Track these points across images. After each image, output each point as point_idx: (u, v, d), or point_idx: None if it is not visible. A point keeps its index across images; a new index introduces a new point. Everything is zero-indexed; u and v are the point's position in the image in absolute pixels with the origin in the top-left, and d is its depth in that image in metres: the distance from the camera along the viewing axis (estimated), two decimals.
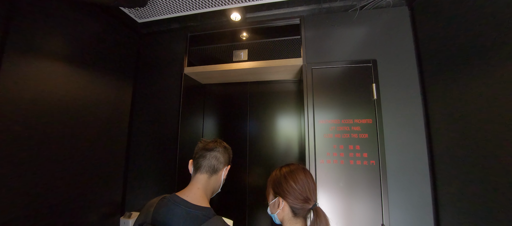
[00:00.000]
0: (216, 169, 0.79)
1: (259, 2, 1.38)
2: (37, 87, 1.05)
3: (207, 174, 0.77)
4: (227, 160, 0.85)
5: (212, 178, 0.78)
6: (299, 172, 0.72)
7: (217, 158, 0.79)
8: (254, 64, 1.49)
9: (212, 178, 0.78)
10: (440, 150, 1.09)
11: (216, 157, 0.79)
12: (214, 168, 0.78)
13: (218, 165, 0.79)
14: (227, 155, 0.85)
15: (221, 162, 0.80)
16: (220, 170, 0.80)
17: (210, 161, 0.78)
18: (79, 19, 1.26)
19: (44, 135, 1.06)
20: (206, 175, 0.77)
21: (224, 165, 0.82)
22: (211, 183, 0.78)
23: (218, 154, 0.80)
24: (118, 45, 1.55)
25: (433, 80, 1.13)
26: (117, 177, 1.50)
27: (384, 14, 1.32)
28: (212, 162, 0.78)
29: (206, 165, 0.78)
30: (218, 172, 0.80)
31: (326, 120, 1.29)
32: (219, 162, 0.80)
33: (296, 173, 0.72)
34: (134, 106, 1.68)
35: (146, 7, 1.44)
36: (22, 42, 0.99)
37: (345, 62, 1.32)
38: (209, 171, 0.77)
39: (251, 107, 1.87)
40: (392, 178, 1.16)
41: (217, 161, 0.79)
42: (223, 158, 0.82)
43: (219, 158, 0.80)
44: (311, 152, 1.27)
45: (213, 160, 0.79)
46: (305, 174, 0.72)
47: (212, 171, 0.78)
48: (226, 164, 0.83)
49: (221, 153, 0.81)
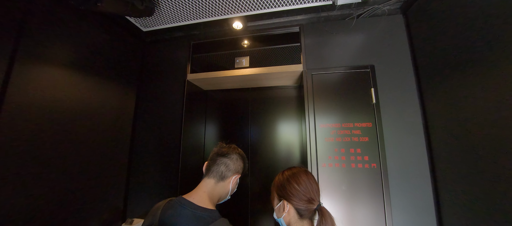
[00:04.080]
0: (224, 176, 0.78)
1: (260, 11, 1.44)
2: (44, 93, 1.08)
3: (214, 180, 0.77)
4: (239, 169, 0.82)
5: (219, 185, 0.77)
6: (301, 174, 0.74)
7: (227, 165, 0.79)
8: (256, 70, 1.53)
9: (219, 184, 0.77)
10: (439, 152, 1.11)
11: (225, 164, 0.79)
12: (222, 174, 0.78)
13: (226, 172, 0.78)
14: (240, 163, 0.83)
15: (230, 169, 0.79)
16: (228, 177, 0.79)
17: (219, 167, 0.78)
18: (87, 28, 1.31)
19: (48, 141, 1.08)
20: (213, 180, 0.77)
21: (233, 173, 0.80)
22: (217, 189, 0.77)
23: (228, 161, 0.79)
24: (124, 53, 1.60)
25: (429, 84, 1.17)
26: (119, 183, 1.50)
27: (380, 22, 1.37)
28: (221, 168, 0.78)
29: (215, 171, 0.78)
30: (226, 180, 0.79)
31: (327, 124, 1.31)
32: (228, 170, 0.79)
33: (298, 175, 0.73)
34: (137, 112, 1.71)
35: (152, 17, 1.50)
36: (33, 50, 1.03)
37: (344, 68, 1.36)
38: (216, 177, 0.77)
39: (253, 113, 1.89)
40: (394, 181, 1.17)
41: (226, 168, 0.78)
42: (234, 166, 0.80)
43: (229, 165, 0.79)
44: (312, 156, 1.29)
45: (222, 166, 0.78)
46: (307, 175, 0.74)
47: (220, 178, 0.77)
48: (236, 172, 0.81)
49: (232, 160, 0.80)
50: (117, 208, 1.47)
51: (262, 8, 1.41)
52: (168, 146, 1.59)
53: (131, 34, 1.68)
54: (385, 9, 1.33)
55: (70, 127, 1.19)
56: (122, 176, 1.54)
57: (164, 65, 1.76)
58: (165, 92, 1.70)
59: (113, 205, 1.44)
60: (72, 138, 1.20)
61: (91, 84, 1.33)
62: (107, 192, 1.40)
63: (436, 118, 1.13)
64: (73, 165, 1.19)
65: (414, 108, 1.22)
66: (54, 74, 1.12)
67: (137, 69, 1.73)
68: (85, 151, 1.26)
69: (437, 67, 1.10)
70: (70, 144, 1.18)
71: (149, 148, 1.64)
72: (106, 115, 1.43)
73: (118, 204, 1.48)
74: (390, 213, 1.13)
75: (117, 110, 1.52)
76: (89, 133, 1.30)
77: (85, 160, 1.26)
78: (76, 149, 1.22)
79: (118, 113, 1.53)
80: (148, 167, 1.61)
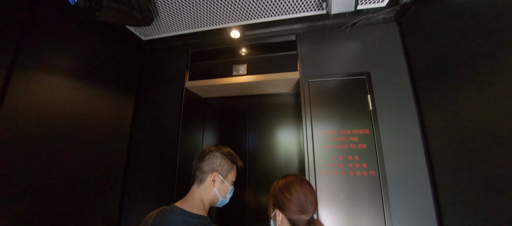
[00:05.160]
0: (201, 179, 0.79)
1: (257, 21, 1.47)
2: (42, 101, 1.08)
3: (196, 184, 0.79)
4: (215, 167, 0.80)
5: (201, 188, 0.78)
6: (295, 183, 0.73)
7: (200, 168, 0.79)
8: (253, 78, 1.55)
9: (200, 188, 0.78)
10: (439, 159, 1.09)
11: (199, 168, 0.80)
12: (199, 178, 0.79)
13: (201, 175, 0.79)
14: (218, 161, 0.81)
15: (203, 171, 0.79)
16: (204, 180, 0.78)
17: (195, 171, 0.81)
18: (87, 37, 1.34)
19: (42, 148, 1.08)
20: (195, 185, 0.79)
21: (209, 172, 0.79)
22: (202, 193, 0.77)
23: (201, 164, 0.80)
24: (123, 61, 1.62)
25: (426, 90, 1.17)
26: (114, 192, 1.48)
27: (374, 30, 1.40)
28: (196, 173, 0.80)
29: (193, 176, 0.81)
30: (205, 182, 0.78)
31: (324, 131, 1.31)
32: (202, 172, 0.79)
33: (291, 185, 0.72)
34: (135, 119, 1.71)
35: (151, 26, 1.53)
36: (33, 58, 1.05)
37: (340, 75, 1.37)
38: (196, 181, 0.79)
39: (251, 120, 1.89)
40: (393, 188, 1.15)
41: (200, 171, 0.79)
42: (207, 167, 0.79)
43: (202, 168, 0.79)
44: (310, 163, 1.27)
45: (197, 171, 0.80)
46: (301, 185, 0.72)
47: (199, 181, 0.79)
48: (213, 171, 0.79)
49: (205, 162, 0.80)
50: (112, 218, 1.44)
51: (259, 18, 1.44)
52: (165, 154, 1.58)
53: (131, 43, 1.71)
54: (379, 18, 1.36)
55: (66, 136, 1.18)
56: (118, 185, 1.51)
57: (163, 73, 1.78)
58: (163, 100, 1.70)
59: (108, 214, 1.41)
60: (67, 145, 1.19)
61: (90, 92, 1.34)
62: (102, 201, 1.38)
63: (434, 124, 1.12)
64: (67, 173, 1.18)
65: (411, 115, 1.22)
66: (52, 82, 1.13)
67: (136, 76, 1.75)
68: (80, 159, 1.25)
69: (433, 74, 1.10)
70: (65, 152, 1.17)
71: (146, 156, 1.62)
72: (104, 123, 1.43)
73: (112, 213, 1.45)
74: (391, 222, 1.10)
75: (114, 119, 1.52)
76: (85, 141, 1.29)
77: (80, 168, 1.25)
78: (71, 157, 1.21)
79: (115, 122, 1.53)
80: (144, 175, 1.59)
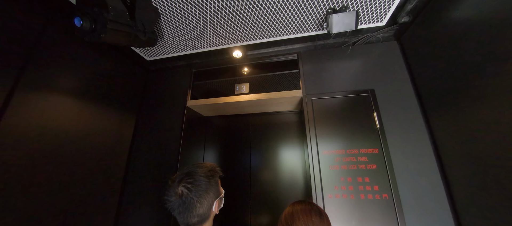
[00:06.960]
0: (202, 220, 0.69)
1: (259, 41, 1.50)
2: (44, 120, 1.07)
3: None
4: (211, 198, 0.71)
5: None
6: (302, 214, 0.70)
7: (196, 215, 0.68)
8: (256, 96, 1.53)
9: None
10: (456, 180, 1.02)
11: (193, 216, 0.68)
12: (198, 222, 0.69)
13: (200, 218, 0.69)
14: (208, 188, 0.70)
15: (202, 213, 0.69)
16: (208, 217, 0.71)
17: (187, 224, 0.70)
18: (92, 57, 1.36)
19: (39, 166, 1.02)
20: None
21: (210, 208, 0.71)
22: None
23: (195, 211, 0.68)
24: (127, 80, 1.63)
25: (434, 106, 1.14)
26: (109, 210, 1.39)
27: (376, 47, 1.41)
28: (191, 221, 0.69)
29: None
30: (208, 219, 0.72)
31: (331, 151, 1.25)
32: (201, 216, 0.68)
33: (297, 215, 0.70)
34: (135, 138, 1.67)
35: (155, 47, 1.56)
36: (36, 78, 1.05)
37: (344, 93, 1.36)
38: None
39: (253, 139, 1.84)
40: (409, 213, 1.06)
41: (199, 217, 0.68)
42: (205, 206, 0.69)
43: (198, 211, 0.68)
44: (317, 185, 1.19)
45: (191, 219, 0.69)
46: (308, 216, 0.69)
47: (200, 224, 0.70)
48: (211, 203, 0.71)
49: (197, 204, 0.68)
50: None
51: (261, 38, 1.47)
52: (163, 174, 1.50)
53: (135, 63, 1.73)
54: (379, 36, 1.38)
55: (66, 154, 1.15)
56: (114, 203, 1.43)
57: (165, 92, 1.77)
58: (164, 119, 1.68)
59: None
60: (64, 161, 1.15)
61: (92, 111, 1.33)
62: (96, 220, 1.29)
63: (446, 141, 1.07)
64: (62, 192, 1.12)
65: (421, 132, 1.17)
66: (55, 102, 1.12)
67: (138, 95, 1.75)
68: (76, 177, 1.20)
69: (438, 90, 1.08)
70: (63, 169, 1.13)
71: (144, 175, 1.54)
72: (103, 142, 1.39)
73: None
74: None
75: (114, 138, 1.48)
76: (83, 160, 1.25)
77: (76, 186, 1.19)
78: (68, 175, 1.16)
79: (114, 141, 1.48)
80: (141, 195, 1.50)
